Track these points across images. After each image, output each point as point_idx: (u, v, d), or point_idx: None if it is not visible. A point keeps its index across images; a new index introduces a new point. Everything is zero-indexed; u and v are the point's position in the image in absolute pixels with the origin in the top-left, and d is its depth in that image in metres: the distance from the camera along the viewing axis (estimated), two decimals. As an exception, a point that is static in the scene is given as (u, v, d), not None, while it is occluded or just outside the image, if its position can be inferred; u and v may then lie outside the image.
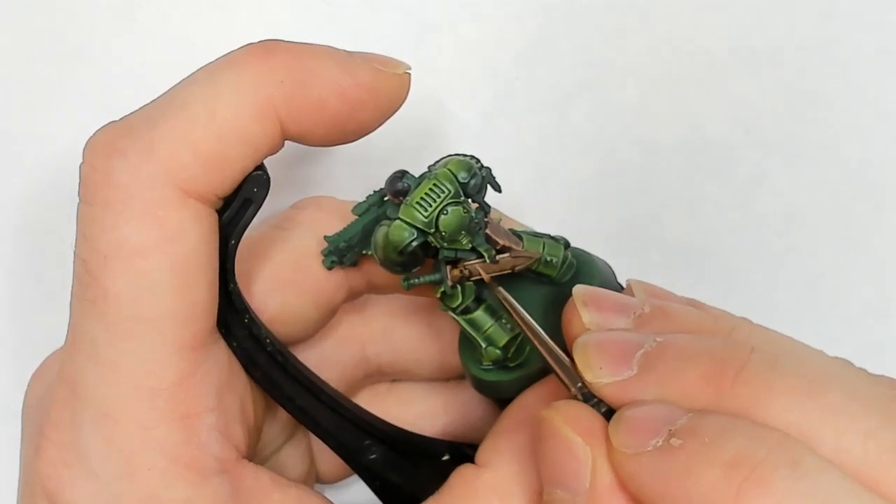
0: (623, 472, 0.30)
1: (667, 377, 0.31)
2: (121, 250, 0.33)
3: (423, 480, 0.40)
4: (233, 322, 0.37)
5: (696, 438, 0.29)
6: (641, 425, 0.30)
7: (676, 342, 0.32)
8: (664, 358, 0.31)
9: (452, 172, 0.35)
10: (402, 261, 0.35)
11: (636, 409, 0.31)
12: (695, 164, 0.48)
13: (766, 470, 0.27)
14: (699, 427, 0.29)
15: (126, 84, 0.47)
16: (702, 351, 0.31)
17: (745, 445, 0.28)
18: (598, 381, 0.32)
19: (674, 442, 0.29)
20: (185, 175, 0.33)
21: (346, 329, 0.43)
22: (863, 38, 0.47)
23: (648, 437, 0.30)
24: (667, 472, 0.29)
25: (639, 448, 0.30)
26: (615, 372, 0.31)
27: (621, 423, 0.30)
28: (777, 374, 0.30)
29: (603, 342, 0.32)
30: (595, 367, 0.32)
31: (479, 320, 0.37)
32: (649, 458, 0.29)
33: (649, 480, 0.29)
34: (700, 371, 0.30)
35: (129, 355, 0.33)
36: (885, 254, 0.48)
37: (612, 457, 0.30)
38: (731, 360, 0.30)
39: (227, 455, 0.35)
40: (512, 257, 0.36)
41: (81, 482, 0.34)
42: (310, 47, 0.35)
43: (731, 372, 0.30)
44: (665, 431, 0.29)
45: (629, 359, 0.31)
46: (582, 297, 0.34)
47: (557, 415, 0.32)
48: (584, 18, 0.47)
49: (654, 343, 0.32)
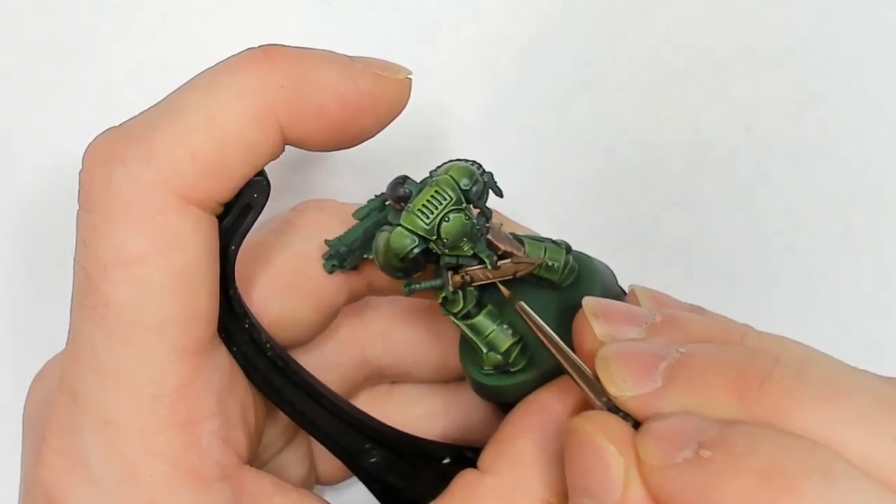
0: (653, 485, 0.30)
1: (692, 388, 0.31)
2: (121, 257, 0.33)
3: (423, 483, 0.40)
4: (233, 327, 0.37)
5: (726, 449, 0.29)
6: (670, 437, 0.30)
7: (700, 353, 0.31)
8: (688, 369, 0.31)
9: (454, 179, 0.35)
10: (403, 267, 0.35)
11: (663, 422, 0.30)
12: (695, 164, 0.48)
13: (799, 478, 0.27)
14: (728, 437, 0.29)
15: (126, 84, 0.47)
16: (726, 361, 0.31)
17: (776, 455, 0.28)
18: (622, 395, 0.31)
19: (703, 453, 0.29)
20: (184, 182, 0.33)
21: (346, 332, 0.42)
22: (863, 38, 0.47)
23: (677, 449, 0.29)
24: (697, 485, 0.29)
25: (668, 460, 0.29)
26: (640, 385, 0.31)
27: (649, 436, 0.30)
28: (802, 382, 0.30)
29: (625, 355, 0.32)
30: (619, 381, 0.32)
31: (480, 325, 0.37)
32: (679, 471, 0.29)
33: (680, 493, 0.29)
34: (725, 381, 0.30)
35: (130, 362, 0.33)
36: (885, 253, 0.48)
37: (641, 469, 0.30)
38: (756, 369, 0.30)
39: (229, 461, 0.35)
40: (513, 263, 0.36)
41: (83, 489, 0.34)
42: (310, 52, 0.35)
43: (756, 381, 0.30)
44: (694, 443, 0.29)
45: (653, 371, 0.31)
46: (592, 309, 0.34)
47: (590, 424, 0.31)
48: (584, 18, 0.47)
49: (677, 354, 0.31)
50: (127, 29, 0.47)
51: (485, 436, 0.38)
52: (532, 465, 0.35)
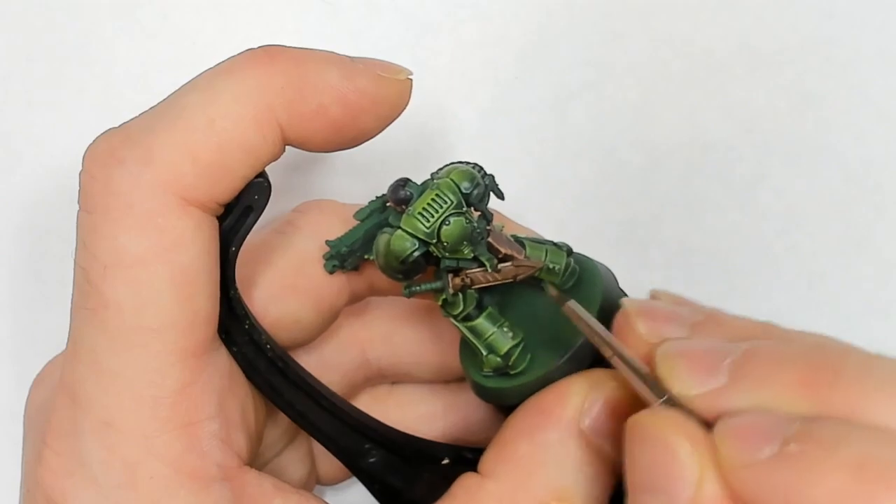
0: (736, 483, 0.29)
1: (760, 384, 0.30)
2: (121, 259, 0.33)
3: (422, 484, 0.40)
4: (233, 328, 0.37)
5: (816, 443, 0.28)
6: (752, 433, 0.29)
7: (765, 349, 0.31)
8: (755, 365, 0.30)
9: (455, 182, 0.35)
10: (403, 269, 0.35)
11: (742, 418, 0.29)
12: (695, 165, 0.48)
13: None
14: (815, 432, 0.28)
15: (126, 84, 0.47)
16: (794, 356, 0.30)
17: (870, 448, 0.27)
18: (688, 393, 0.31)
19: (791, 448, 0.28)
20: (185, 183, 0.33)
21: (346, 332, 0.42)
22: (863, 38, 0.47)
23: (762, 444, 0.28)
24: (786, 481, 0.28)
25: (752, 457, 0.28)
26: (705, 382, 0.30)
27: (729, 432, 0.29)
28: (875, 377, 0.29)
29: (688, 352, 0.31)
30: (683, 378, 0.31)
31: (480, 328, 0.37)
32: (765, 467, 0.28)
33: (767, 490, 0.28)
34: (795, 377, 0.29)
35: (130, 364, 0.33)
36: (885, 254, 0.48)
37: (721, 466, 0.29)
38: (826, 363, 0.29)
39: (229, 462, 0.35)
40: (514, 266, 0.36)
41: (83, 491, 0.34)
42: (311, 53, 0.35)
43: (828, 376, 0.29)
44: (779, 438, 0.28)
45: (718, 367, 0.30)
46: (635, 310, 0.33)
47: (661, 420, 0.30)
48: (584, 18, 0.47)
49: (740, 351, 0.31)
50: (127, 29, 0.47)
51: (485, 436, 0.38)
52: (533, 469, 0.35)
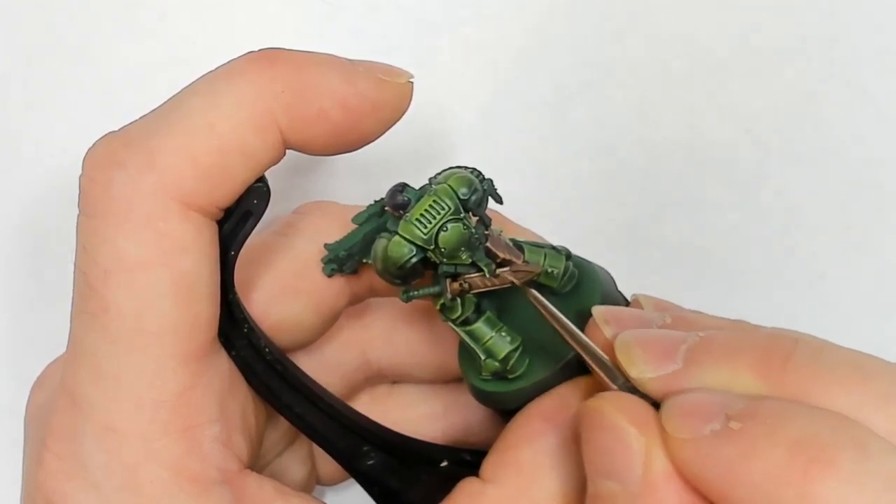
0: (679, 458, 0.30)
1: (713, 368, 0.31)
2: (121, 263, 0.33)
3: (421, 486, 0.40)
4: (232, 332, 0.37)
5: (757, 421, 0.28)
6: (697, 410, 0.30)
7: (720, 335, 0.32)
8: (709, 350, 0.31)
9: (453, 189, 0.35)
10: (401, 274, 0.35)
11: (690, 395, 0.30)
12: (695, 164, 0.48)
13: (834, 451, 0.27)
14: (759, 410, 0.29)
15: (127, 84, 0.47)
16: (747, 342, 0.31)
17: (809, 427, 0.28)
18: (642, 377, 0.32)
19: (733, 425, 0.29)
20: (185, 187, 0.33)
21: (347, 333, 0.42)
22: (863, 38, 0.47)
23: (705, 421, 0.29)
24: (727, 456, 0.28)
25: (695, 433, 0.29)
26: (660, 366, 0.31)
27: (675, 409, 0.30)
28: (824, 363, 0.30)
29: (645, 339, 0.32)
30: (639, 363, 0.32)
31: (478, 332, 0.37)
32: (707, 443, 0.29)
33: (708, 465, 0.29)
34: (746, 361, 0.30)
35: (131, 368, 0.33)
36: (885, 253, 0.48)
37: (666, 443, 0.30)
38: (778, 349, 0.30)
39: (230, 465, 0.35)
40: (512, 271, 0.36)
41: (83, 494, 0.34)
42: (311, 56, 0.35)
43: (779, 361, 0.30)
44: (722, 415, 0.29)
45: (673, 353, 0.31)
46: (602, 316, 0.34)
47: (608, 404, 0.31)
48: (584, 18, 0.47)
49: (696, 338, 0.32)
50: (127, 29, 0.47)
51: (486, 437, 0.38)
52: (535, 474, 0.35)
